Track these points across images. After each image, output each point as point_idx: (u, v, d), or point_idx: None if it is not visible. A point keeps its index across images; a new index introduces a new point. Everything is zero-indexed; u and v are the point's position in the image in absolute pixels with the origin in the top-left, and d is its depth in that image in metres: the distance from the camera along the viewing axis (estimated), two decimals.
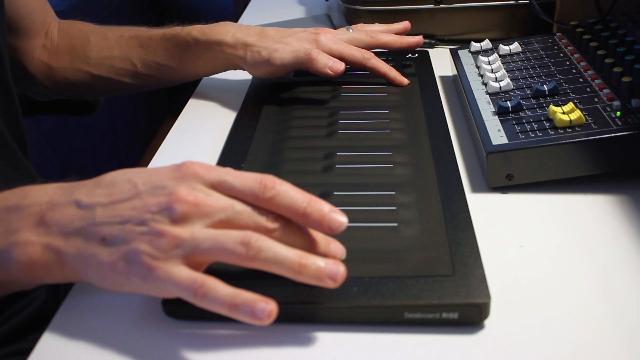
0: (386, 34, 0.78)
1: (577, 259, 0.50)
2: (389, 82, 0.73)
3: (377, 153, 0.60)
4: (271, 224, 0.43)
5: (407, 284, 0.44)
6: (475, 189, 0.59)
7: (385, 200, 0.53)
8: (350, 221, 0.51)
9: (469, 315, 0.44)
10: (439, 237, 0.49)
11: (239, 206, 0.43)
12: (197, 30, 0.73)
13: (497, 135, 0.59)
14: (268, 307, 0.40)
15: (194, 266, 0.42)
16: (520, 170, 0.57)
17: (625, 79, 0.59)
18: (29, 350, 0.45)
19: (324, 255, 0.45)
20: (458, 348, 0.43)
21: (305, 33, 0.72)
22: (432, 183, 0.55)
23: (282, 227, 0.43)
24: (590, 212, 0.55)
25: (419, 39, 0.78)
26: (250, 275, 0.47)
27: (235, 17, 1.63)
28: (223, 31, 0.72)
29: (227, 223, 0.43)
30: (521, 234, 0.53)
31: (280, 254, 0.41)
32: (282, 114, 0.69)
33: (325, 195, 0.54)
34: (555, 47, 0.73)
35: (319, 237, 0.45)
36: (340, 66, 0.69)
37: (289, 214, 0.43)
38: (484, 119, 0.62)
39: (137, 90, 0.83)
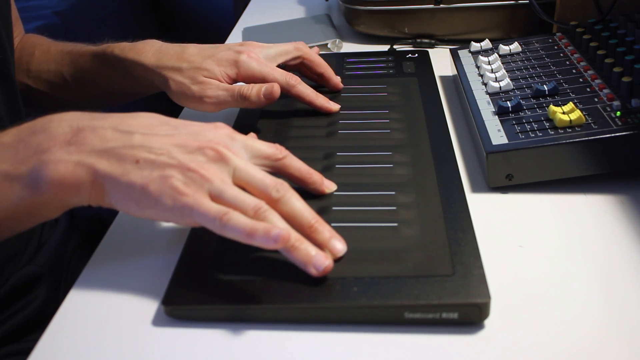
0: (315, 54, 0.71)
1: (577, 259, 0.50)
2: (317, 110, 0.68)
3: (377, 153, 0.60)
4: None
5: (407, 284, 0.44)
6: (475, 189, 0.59)
7: (385, 200, 0.53)
8: (350, 221, 0.51)
9: (469, 315, 0.44)
10: (439, 237, 0.49)
11: (261, 171, 0.48)
12: (119, 48, 0.68)
13: (497, 135, 0.59)
14: (281, 232, 0.43)
15: None
16: (520, 170, 0.57)
17: (625, 79, 0.59)
18: (29, 350, 0.45)
19: (321, 245, 0.47)
20: (458, 348, 0.43)
21: (228, 52, 0.66)
22: (432, 183, 0.55)
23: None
24: (590, 212, 0.55)
25: (338, 81, 0.72)
26: (251, 273, 0.47)
27: (235, 17, 1.62)
28: (141, 50, 0.67)
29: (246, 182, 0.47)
30: (521, 234, 0.53)
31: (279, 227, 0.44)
32: (282, 114, 0.69)
33: (325, 195, 0.54)
34: (555, 47, 0.73)
35: (325, 227, 0.47)
36: (272, 89, 0.63)
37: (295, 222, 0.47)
38: (484, 119, 0.62)
39: (72, 109, 0.80)
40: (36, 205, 0.46)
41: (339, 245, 0.47)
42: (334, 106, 0.68)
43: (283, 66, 0.70)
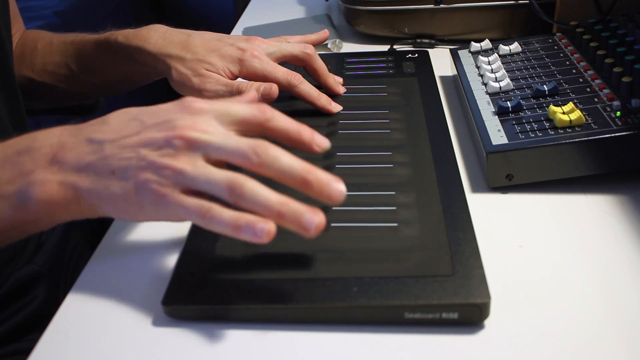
0: (320, 60, 0.70)
1: (577, 259, 0.50)
2: (319, 110, 0.68)
3: (377, 153, 0.60)
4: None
5: (407, 284, 0.44)
6: (475, 189, 0.59)
7: (385, 200, 0.53)
8: (350, 221, 0.51)
9: (469, 315, 0.44)
10: (439, 237, 0.49)
11: (235, 139, 0.44)
12: (123, 35, 0.68)
13: (497, 135, 0.59)
14: (267, 226, 0.42)
15: (198, 195, 0.44)
16: (520, 170, 0.57)
17: (625, 79, 0.59)
18: (28, 350, 0.45)
19: (319, 196, 0.43)
20: (458, 348, 0.43)
21: (232, 48, 0.66)
22: (432, 183, 0.55)
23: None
24: (590, 212, 0.55)
25: (339, 90, 0.72)
26: (251, 273, 0.47)
27: (235, 17, 1.62)
28: (146, 36, 0.67)
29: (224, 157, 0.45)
30: (521, 234, 0.53)
31: (262, 198, 0.42)
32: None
33: None
34: (555, 47, 0.73)
35: (318, 175, 0.43)
36: (270, 90, 0.63)
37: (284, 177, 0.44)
38: (484, 119, 0.62)
39: (78, 99, 0.81)
40: (25, 222, 0.46)
41: (337, 189, 0.43)
42: (336, 108, 0.68)
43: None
